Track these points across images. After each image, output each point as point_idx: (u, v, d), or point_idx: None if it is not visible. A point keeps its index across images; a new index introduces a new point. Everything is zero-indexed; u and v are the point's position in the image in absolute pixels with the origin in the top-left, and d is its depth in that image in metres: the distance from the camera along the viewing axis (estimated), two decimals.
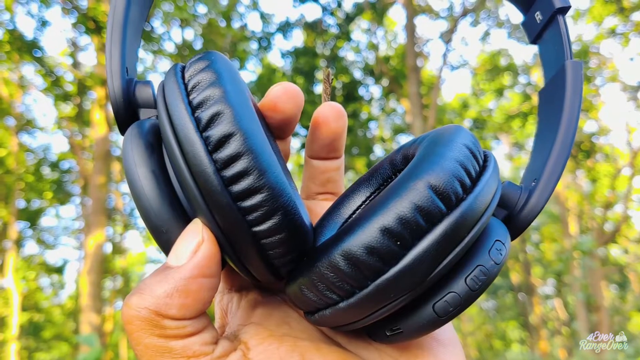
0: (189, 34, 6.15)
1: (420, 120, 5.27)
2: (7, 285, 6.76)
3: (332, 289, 0.22)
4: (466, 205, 0.21)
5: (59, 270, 9.26)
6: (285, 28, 6.31)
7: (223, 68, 0.23)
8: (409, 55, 5.57)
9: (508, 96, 8.11)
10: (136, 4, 0.29)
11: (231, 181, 0.21)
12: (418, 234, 0.21)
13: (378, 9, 6.55)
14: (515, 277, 10.36)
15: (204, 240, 0.22)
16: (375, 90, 7.65)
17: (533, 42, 0.32)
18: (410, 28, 5.62)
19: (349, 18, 6.49)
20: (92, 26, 4.79)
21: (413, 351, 0.26)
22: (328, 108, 0.31)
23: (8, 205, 7.11)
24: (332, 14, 6.52)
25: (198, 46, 5.83)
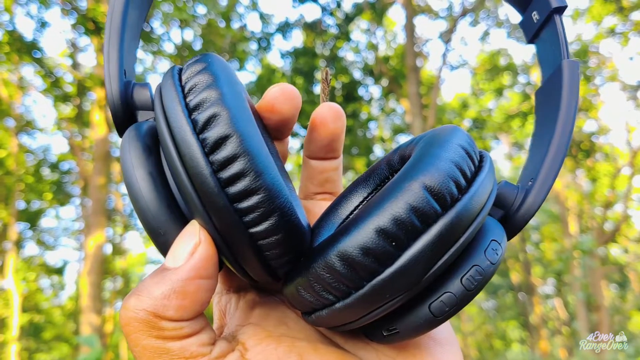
0: (189, 35, 6.15)
1: (419, 120, 5.27)
2: (8, 286, 6.76)
3: (329, 290, 0.22)
4: (461, 205, 0.22)
5: (59, 271, 9.27)
6: (284, 28, 6.31)
7: (220, 70, 0.23)
8: (409, 55, 5.57)
9: (507, 96, 8.12)
10: (135, 6, 0.29)
11: (228, 183, 0.21)
12: (413, 235, 0.21)
13: (377, 9, 6.55)
14: (515, 277, 10.35)
15: (201, 241, 0.22)
16: (374, 90, 7.67)
17: (530, 42, 0.32)
18: (409, 28, 5.62)
19: (349, 18, 6.49)
20: (92, 27, 4.79)
21: (410, 351, 0.26)
22: (326, 109, 0.31)
23: (8, 206, 7.11)
24: (332, 14, 6.52)
25: (197, 47, 5.83)
